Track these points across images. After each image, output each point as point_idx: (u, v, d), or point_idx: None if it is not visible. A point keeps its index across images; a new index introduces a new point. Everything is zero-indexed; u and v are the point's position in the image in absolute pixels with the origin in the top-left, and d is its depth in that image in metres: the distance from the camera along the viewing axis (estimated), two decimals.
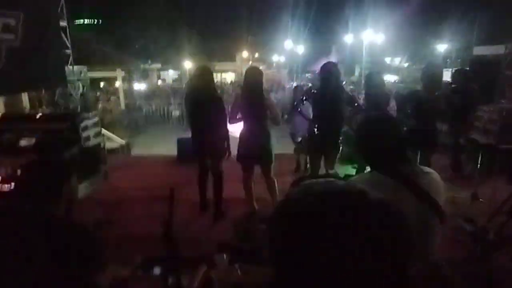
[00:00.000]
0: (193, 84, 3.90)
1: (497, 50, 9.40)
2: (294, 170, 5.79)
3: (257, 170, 4.08)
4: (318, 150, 3.65)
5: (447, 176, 4.96)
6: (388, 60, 23.22)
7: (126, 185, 5.26)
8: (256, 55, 27.95)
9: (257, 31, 24.67)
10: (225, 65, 26.72)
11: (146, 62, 21.54)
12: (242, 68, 24.44)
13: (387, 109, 3.95)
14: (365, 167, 3.37)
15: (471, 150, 4.69)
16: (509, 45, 7.00)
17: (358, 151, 1.73)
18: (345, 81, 5.78)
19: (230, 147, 4.04)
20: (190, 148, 4.24)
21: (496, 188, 4.15)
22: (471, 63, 8.19)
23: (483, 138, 4.13)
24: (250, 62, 23.38)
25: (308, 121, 3.69)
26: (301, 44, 22.01)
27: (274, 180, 4.02)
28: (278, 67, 26.58)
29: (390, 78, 16.73)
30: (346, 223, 0.53)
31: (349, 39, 18.04)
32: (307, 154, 4.52)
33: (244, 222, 3.31)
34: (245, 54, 27.40)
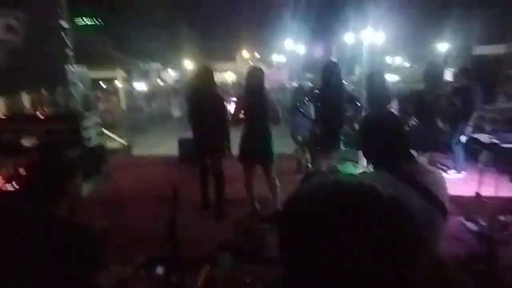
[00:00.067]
0: (194, 84, 3.90)
1: (498, 50, 9.41)
2: (295, 170, 5.79)
3: (258, 170, 4.08)
4: (320, 149, 3.66)
5: (449, 176, 4.97)
6: (389, 60, 23.19)
7: (128, 185, 5.26)
8: (256, 55, 27.92)
9: (258, 31, 24.65)
10: (225, 65, 26.70)
11: (146, 62, 21.53)
12: (243, 68, 24.45)
13: (389, 109, 3.95)
14: (367, 166, 3.36)
15: (473, 150, 4.69)
16: (510, 45, 7.00)
17: (362, 150, 1.73)
18: (347, 82, 5.76)
19: (231, 147, 4.04)
20: (192, 148, 4.23)
21: (499, 187, 4.15)
22: (472, 63, 8.20)
23: (486, 137, 4.13)
24: (250, 62, 23.39)
25: (310, 121, 3.69)
26: (302, 44, 21.99)
27: (275, 180, 4.02)
28: (279, 67, 26.56)
29: (391, 78, 16.71)
30: (358, 219, 0.52)
31: (350, 39, 18.01)
32: (309, 153, 4.52)
33: (246, 222, 3.31)
34: (245, 54, 27.38)
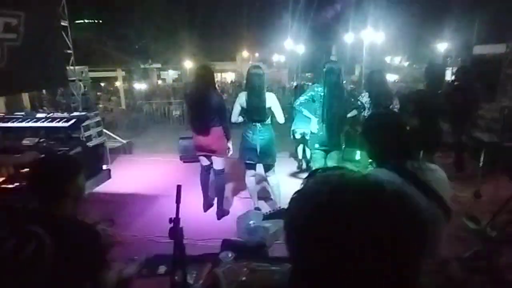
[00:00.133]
0: (194, 83, 3.91)
1: (498, 49, 9.41)
2: (296, 169, 5.80)
3: (260, 169, 4.09)
4: (321, 149, 3.67)
5: (450, 175, 4.96)
6: (388, 60, 23.19)
7: (129, 184, 5.27)
8: (256, 55, 27.90)
9: (257, 31, 24.63)
10: (225, 65, 26.71)
11: (147, 62, 21.53)
12: (242, 68, 24.43)
13: (390, 108, 3.96)
14: (368, 166, 3.36)
15: (474, 149, 4.69)
16: (510, 44, 7.01)
17: (365, 149, 1.73)
18: (345, 81, 5.73)
19: (232, 146, 4.05)
20: (192, 147, 4.24)
21: (499, 186, 4.15)
22: (472, 62, 8.20)
23: (486, 136, 4.13)
24: (250, 62, 23.38)
25: (311, 120, 3.70)
26: (301, 44, 21.98)
27: (277, 179, 4.02)
28: (278, 67, 26.57)
29: (390, 78, 16.75)
30: (363, 214, 0.53)
31: (349, 39, 18.00)
32: (310, 153, 4.52)
33: (247, 221, 3.31)
34: (245, 54, 27.38)
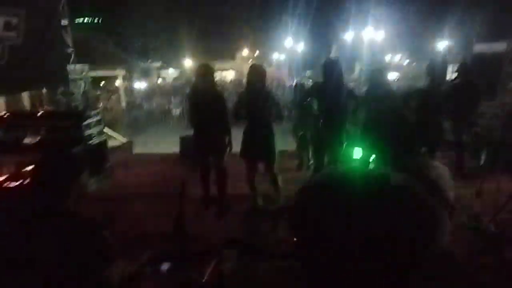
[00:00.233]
0: (195, 82, 3.91)
1: (498, 47, 9.40)
2: (297, 166, 5.79)
3: (260, 166, 4.09)
4: (323, 145, 3.67)
5: (451, 173, 4.95)
6: (388, 58, 23.17)
7: (131, 183, 5.27)
8: (256, 54, 27.86)
9: (257, 29, 24.61)
10: (225, 64, 26.65)
11: (146, 61, 21.52)
12: (242, 67, 24.39)
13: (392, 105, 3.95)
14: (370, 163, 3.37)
15: (475, 146, 4.69)
16: (511, 42, 7.00)
17: (366, 145, 1.73)
18: (345, 79, 5.70)
19: (233, 144, 4.05)
20: (193, 146, 4.24)
21: (501, 184, 4.15)
22: (473, 60, 8.19)
23: (487, 134, 4.13)
24: (250, 61, 23.34)
25: (312, 117, 3.70)
26: (301, 42, 21.96)
27: (278, 176, 4.03)
28: (278, 65, 26.52)
29: (390, 75, 16.71)
30: (370, 205, 0.53)
31: (349, 37, 17.99)
32: (311, 150, 4.53)
33: (249, 218, 3.32)
34: (245, 53, 27.34)
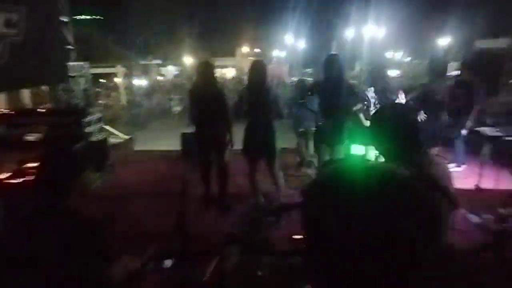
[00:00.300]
0: (196, 79, 3.91)
1: (499, 44, 9.38)
2: (298, 164, 5.79)
3: (262, 164, 4.09)
4: (324, 142, 3.67)
5: (451, 169, 4.97)
6: (389, 55, 23.10)
7: (131, 181, 5.28)
8: (257, 51, 27.79)
9: (258, 27, 24.56)
10: (225, 61, 26.58)
11: (147, 58, 21.48)
12: (242, 64, 24.33)
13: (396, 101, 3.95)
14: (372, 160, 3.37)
15: (476, 142, 4.70)
16: None
17: (370, 142, 1.74)
18: (346, 76, 5.66)
19: (235, 140, 4.05)
20: (194, 143, 4.24)
21: (501, 180, 4.16)
22: (474, 57, 8.17)
23: (488, 130, 4.13)
24: (250, 58, 23.30)
25: (313, 114, 3.70)
26: (302, 39, 21.92)
27: (279, 174, 4.03)
28: (279, 62, 26.45)
29: (391, 73, 16.65)
30: (379, 198, 0.54)
31: (350, 34, 17.93)
32: (312, 147, 4.53)
33: (250, 215, 3.33)
34: (245, 50, 27.27)
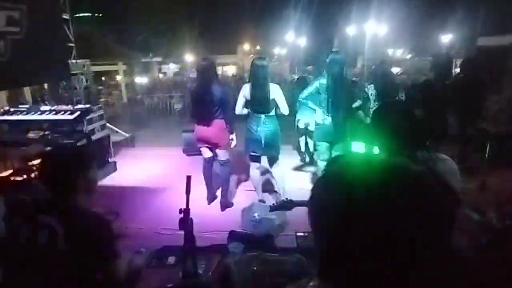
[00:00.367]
0: (196, 76, 3.90)
1: (502, 41, 9.33)
2: (300, 161, 5.80)
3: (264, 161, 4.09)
4: (325, 139, 3.67)
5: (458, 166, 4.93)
6: (391, 52, 23.03)
7: (134, 177, 5.28)
8: (258, 48, 27.75)
9: (259, 24, 24.52)
10: (226, 58, 26.55)
11: (148, 56, 21.46)
12: (244, 61, 24.30)
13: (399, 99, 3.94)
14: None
15: (480, 140, 4.67)
16: None
17: (372, 139, 1.73)
18: (348, 73, 5.66)
19: (236, 138, 4.05)
20: (195, 140, 4.23)
21: (505, 178, 4.14)
22: (478, 53, 8.14)
23: (493, 128, 4.11)
24: (251, 55, 23.26)
25: (315, 112, 3.69)
26: (303, 37, 21.86)
27: (281, 171, 4.03)
28: (280, 60, 26.41)
29: (393, 70, 16.60)
30: (393, 192, 0.53)
31: (352, 31, 17.86)
32: (314, 145, 4.52)
33: (252, 213, 3.32)
34: (246, 47, 27.24)
